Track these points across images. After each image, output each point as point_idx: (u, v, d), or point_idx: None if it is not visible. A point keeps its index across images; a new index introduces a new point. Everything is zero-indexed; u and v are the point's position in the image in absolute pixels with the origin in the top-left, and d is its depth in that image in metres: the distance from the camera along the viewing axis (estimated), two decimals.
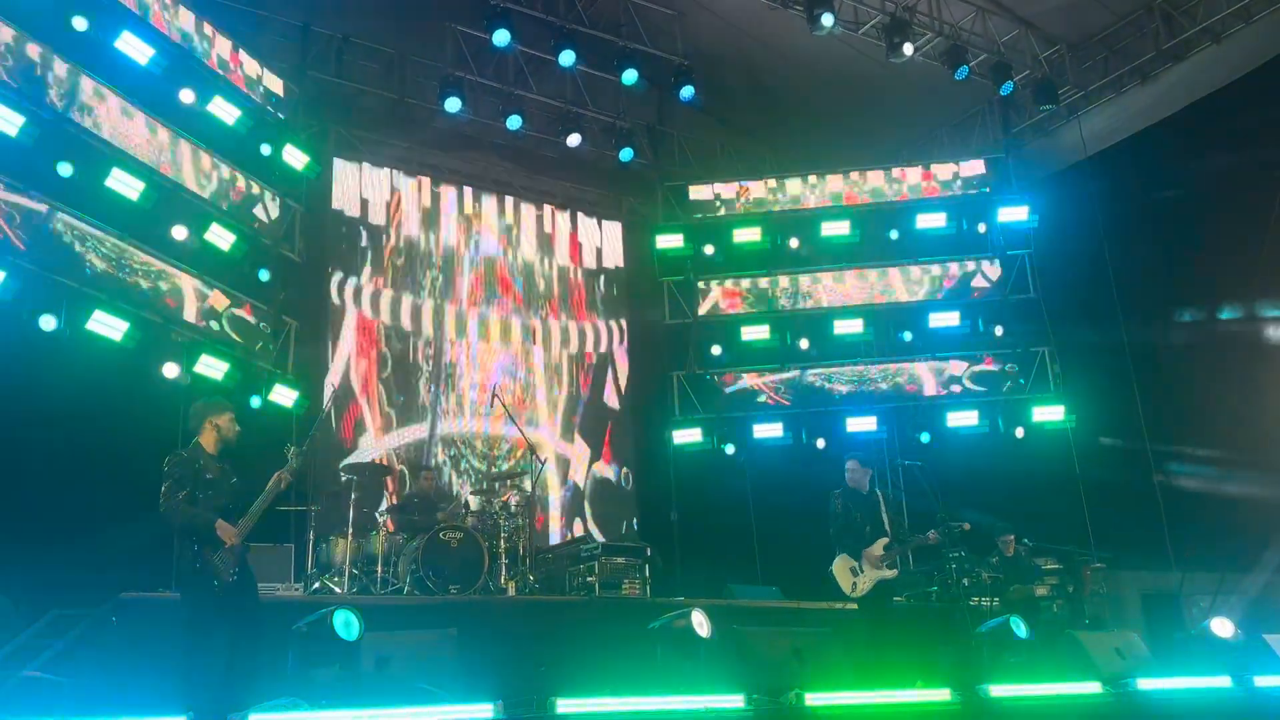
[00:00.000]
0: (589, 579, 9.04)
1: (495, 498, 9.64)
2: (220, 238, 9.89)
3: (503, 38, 10.73)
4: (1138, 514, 11.03)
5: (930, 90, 12.75)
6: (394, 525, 9.33)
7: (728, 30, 12.10)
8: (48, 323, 8.31)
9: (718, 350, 13.55)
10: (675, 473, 13.42)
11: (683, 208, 13.91)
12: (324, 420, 10.98)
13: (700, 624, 6.53)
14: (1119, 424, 11.60)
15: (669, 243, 13.55)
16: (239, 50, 10.67)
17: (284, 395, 10.37)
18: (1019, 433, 12.63)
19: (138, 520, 6.37)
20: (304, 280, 11.54)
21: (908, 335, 13.18)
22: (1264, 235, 10.94)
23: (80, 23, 8.62)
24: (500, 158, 13.64)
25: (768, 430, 13.14)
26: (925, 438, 12.91)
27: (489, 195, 13.82)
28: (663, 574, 9.89)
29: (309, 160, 10.91)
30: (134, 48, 9.03)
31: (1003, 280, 13.37)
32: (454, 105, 11.60)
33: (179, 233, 9.54)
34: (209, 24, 10.33)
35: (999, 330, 13.09)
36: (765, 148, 14.62)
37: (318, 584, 8.59)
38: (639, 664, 6.42)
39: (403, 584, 8.48)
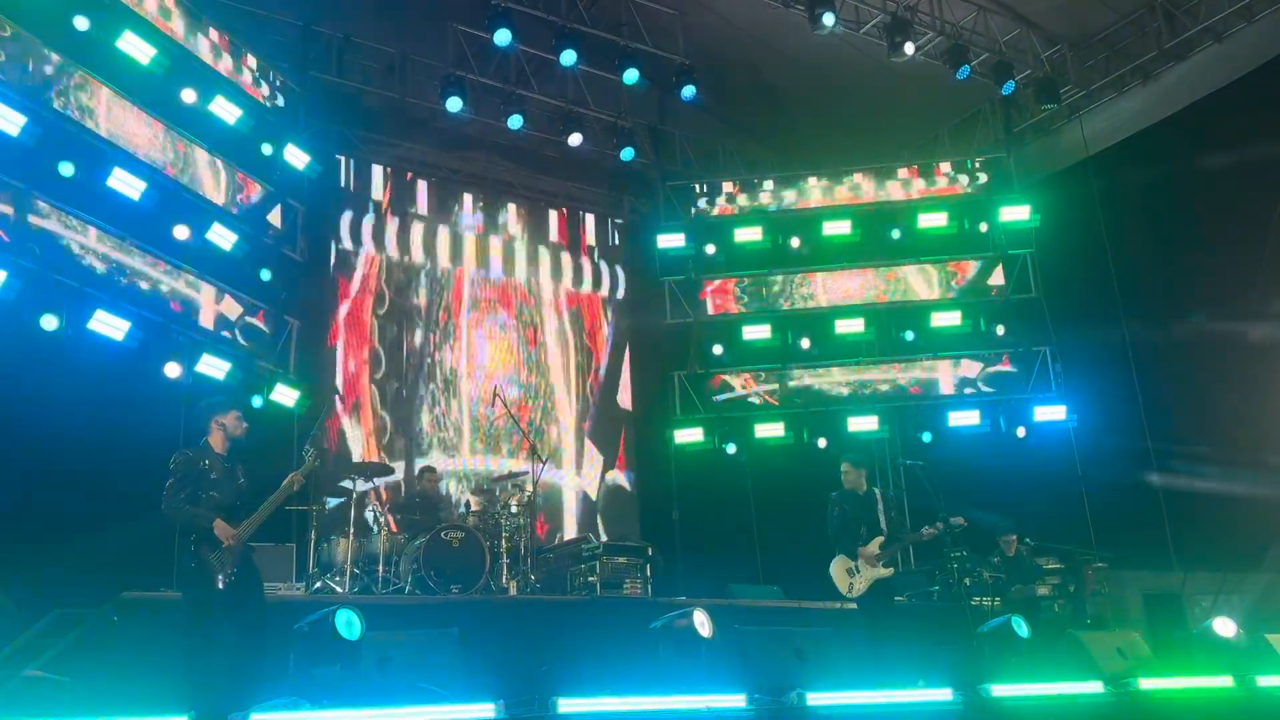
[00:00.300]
0: (590, 579, 9.06)
1: (496, 500, 9.65)
2: (222, 237, 9.89)
3: (504, 37, 10.72)
4: (1139, 514, 11.01)
5: (931, 89, 12.73)
6: (396, 525, 9.34)
7: (729, 30, 12.10)
8: (49, 322, 8.31)
9: (719, 350, 13.53)
10: (676, 472, 13.42)
11: (684, 207, 13.91)
12: (322, 422, 11.00)
13: (702, 624, 6.54)
14: (1120, 423, 11.58)
15: (670, 242, 13.54)
16: (240, 50, 10.68)
17: (285, 395, 10.37)
18: (1020, 432, 12.62)
19: (139, 519, 6.38)
20: (305, 280, 11.54)
21: (910, 334, 13.16)
22: (1266, 234, 10.94)
23: (81, 22, 8.60)
24: (501, 157, 13.63)
25: (769, 430, 13.14)
26: (927, 437, 12.90)
27: (490, 195, 13.81)
28: (664, 573, 9.89)
29: (310, 160, 10.92)
30: (135, 47, 9.02)
31: (1004, 280, 13.36)
32: (455, 105, 11.59)
33: (180, 232, 9.53)
34: (210, 24, 10.33)
35: (1000, 330, 13.08)
36: (766, 147, 14.61)
37: (319, 583, 8.60)
38: (640, 663, 6.44)
39: (404, 583, 8.48)
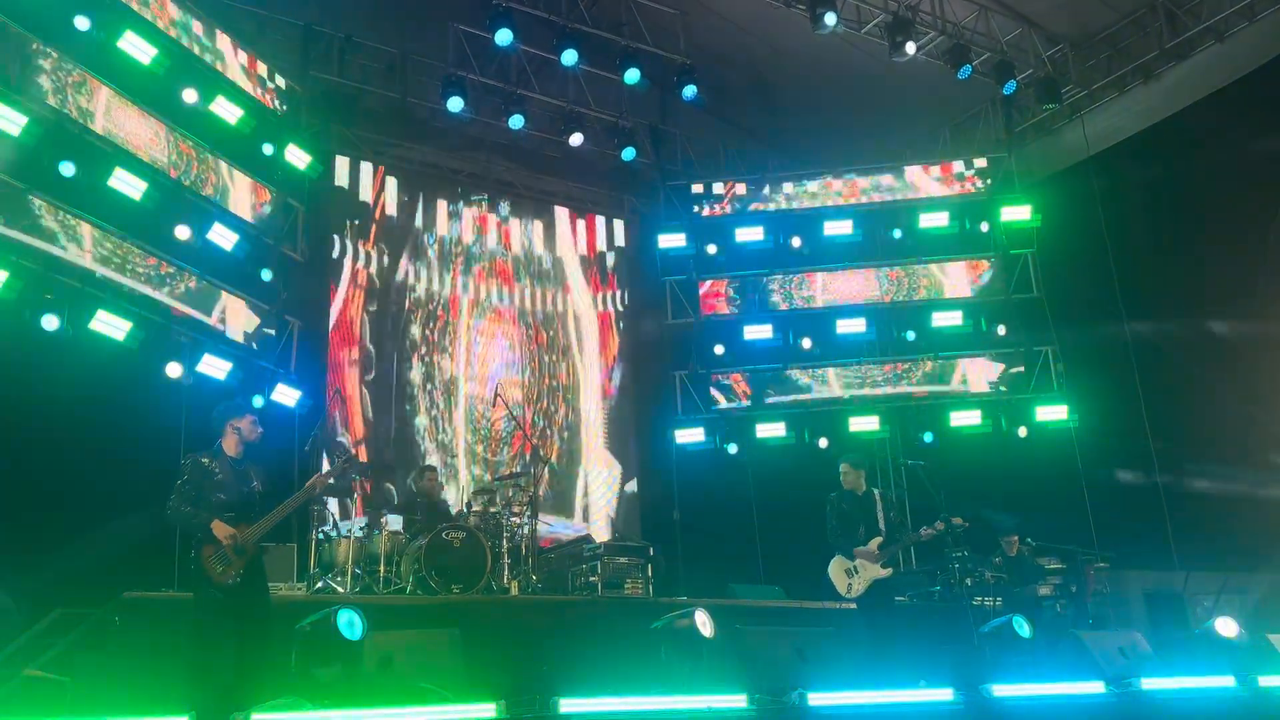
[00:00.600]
0: (592, 579, 9.05)
1: (497, 500, 9.64)
2: (223, 237, 9.88)
3: (505, 37, 10.71)
4: (1141, 513, 11.01)
5: (933, 89, 12.74)
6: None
7: (730, 29, 12.09)
8: (50, 322, 8.31)
9: (720, 350, 13.52)
10: (678, 472, 13.41)
11: (685, 207, 13.90)
12: (323, 423, 11.02)
13: (703, 624, 6.53)
14: (1122, 423, 11.57)
15: (671, 242, 13.52)
16: (241, 50, 10.67)
17: (286, 395, 10.38)
18: (1022, 432, 12.60)
19: (141, 519, 6.39)
20: (306, 280, 11.54)
21: (910, 334, 13.15)
22: (1267, 234, 10.93)
23: (82, 22, 8.60)
24: (502, 157, 13.62)
25: (770, 430, 13.13)
26: (928, 437, 12.87)
27: (490, 195, 13.80)
28: (665, 573, 9.87)
29: (311, 160, 10.91)
30: (136, 47, 9.01)
31: (1005, 280, 13.35)
32: (456, 105, 11.58)
33: (182, 232, 9.53)
34: (212, 23, 10.33)
35: (1002, 329, 13.07)
36: (767, 147, 14.60)
37: (320, 583, 8.59)
38: (642, 664, 6.43)
39: (405, 583, 8.47)
